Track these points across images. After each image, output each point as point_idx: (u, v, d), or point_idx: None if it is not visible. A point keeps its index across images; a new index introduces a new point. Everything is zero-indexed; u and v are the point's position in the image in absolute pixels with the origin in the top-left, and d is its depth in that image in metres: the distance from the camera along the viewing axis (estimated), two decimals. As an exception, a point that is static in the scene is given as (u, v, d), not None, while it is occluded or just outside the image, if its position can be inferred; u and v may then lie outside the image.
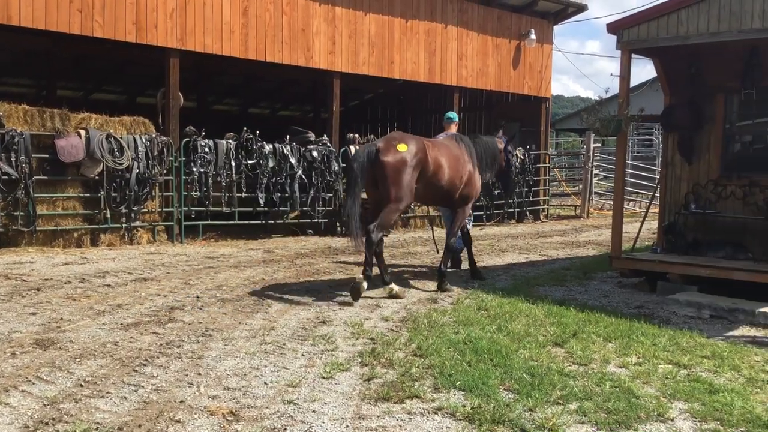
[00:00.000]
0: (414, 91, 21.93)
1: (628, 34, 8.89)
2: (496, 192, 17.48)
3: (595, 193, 23.68)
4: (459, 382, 4.92)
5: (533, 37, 18.94)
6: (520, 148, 18.83)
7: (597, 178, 24.17)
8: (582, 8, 19.99)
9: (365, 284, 7.74)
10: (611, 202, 20.61)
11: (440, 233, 11.39)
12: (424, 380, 5.01)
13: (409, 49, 16.49)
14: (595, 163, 22.36)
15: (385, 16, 15.94)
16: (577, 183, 24.14)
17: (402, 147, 8.01)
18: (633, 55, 9.33)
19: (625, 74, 9.10)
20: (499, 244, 13.75)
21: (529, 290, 8.60)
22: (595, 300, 8.33)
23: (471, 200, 9.21)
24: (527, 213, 19.22)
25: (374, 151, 7.94)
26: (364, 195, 8.48)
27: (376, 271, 8.08)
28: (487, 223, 17.88)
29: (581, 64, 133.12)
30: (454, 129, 10.93)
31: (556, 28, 20.34)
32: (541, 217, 19.96)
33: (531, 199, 19.33)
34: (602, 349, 6.05)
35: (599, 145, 24.81)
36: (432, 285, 8.82)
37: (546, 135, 20.67)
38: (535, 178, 19.36)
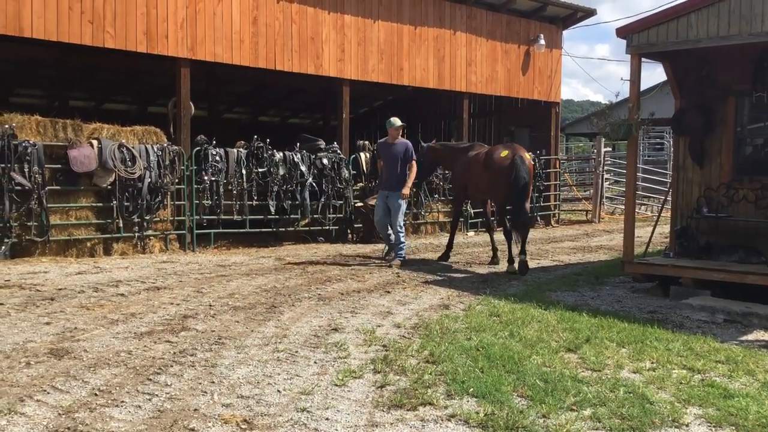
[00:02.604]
0: (423, 97, 21.94)
1: (638, 38, 8.89)
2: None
3: (606, 197, 23.59)
4: (472, 389, 4.92)
5: (542, 42, 18.93)
6: (530, 153, 18.79)
7: (608, 183, 24.08)
8: (591, 13, 19.96)
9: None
10: (623, 207, 20.53)
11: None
12: (437, 387, 5.01)
13: (418, 56, 16.53)
14: (606, 168, 22.28)
15: (393, 24, 15.98)
16: (588, 187, 24.07)
17: (527, 155, 10.94)
18: (643, 59, 9.32)
19: (635, 78, 9.08)
20: (510, 249, 13.71)
21: (541, 296, 8.59)
22: (608, 305, 8.30)
23: None
24: (538, 218, 19.17)
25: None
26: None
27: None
28: (497, 229, 17.81)
29: (591, 68, 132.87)
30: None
31: (565, 32, 20.34)
32: (552, 222, 19.91)
33: (541, 204, 19.27)
34: (616, 354, 6.03)
35: (610, 149, 24.74)
36: (444, 292, 8.83)
37: (556, 140, 20.62)
38: (545, 183, 19.31)
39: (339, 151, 14.64)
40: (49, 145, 11.07)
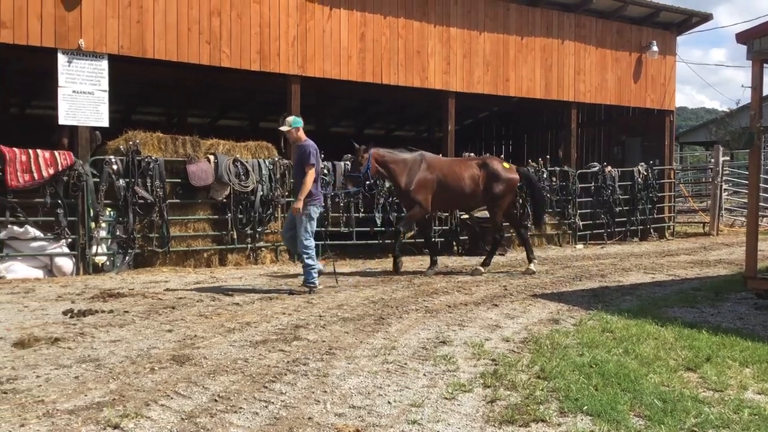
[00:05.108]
0: (529, 107, 21.67)
1: (760, 43, 8.48)
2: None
3: (725, 209, 22.49)
4: (586, 407, 4.80)
5: (655, 48, 18.32)
6: (642, 163, 18.25)
7: (726, 194, 22.95)
8: (707, 17, 19.15)
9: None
10: (743, 219, 19.54)
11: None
12: (549, 404, 4.92)
13: (524, 66, 16.35)
14: (724, 178, 21.26)
15: (499, 35, 15.89)
16: (704, 199, 23.04)
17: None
18: (765, 65, 8.88)
19: (756, 85, 8.68)
20: (622, 263, 13.33)
21: (657, 312, 8.27)
22: (729, 322, 7.91)
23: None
24: (651, 231, 18.52)
25: None
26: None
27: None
28: (608, 242, 17.37)
29: (706, 74, 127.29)
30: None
31: (679, 37, 19.59)
32: (667, 234, 19.17)
33: (655, 216, 18.60)
34: (739, 374, 5.73)
35: (728, 158, 23.60)
36: (553, 306, 8.66)
37: (670, 149, 19.87)
38: (659, 195, 18.65)
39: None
40: (170, 161, 11.65)
